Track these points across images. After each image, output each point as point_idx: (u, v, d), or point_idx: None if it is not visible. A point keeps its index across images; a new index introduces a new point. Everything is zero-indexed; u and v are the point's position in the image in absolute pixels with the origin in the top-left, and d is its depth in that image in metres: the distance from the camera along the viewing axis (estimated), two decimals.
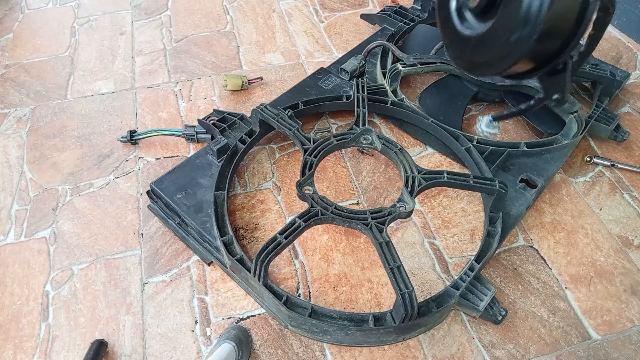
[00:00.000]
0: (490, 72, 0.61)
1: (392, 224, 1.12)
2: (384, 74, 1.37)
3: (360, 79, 1.32)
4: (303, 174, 1.02)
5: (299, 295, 1.02)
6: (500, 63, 0.56)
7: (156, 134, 1.29)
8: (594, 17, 0.54)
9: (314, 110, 1.29)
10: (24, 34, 1.65)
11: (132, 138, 1.28)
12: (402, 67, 1.35)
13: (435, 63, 1.36)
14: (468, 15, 0.60)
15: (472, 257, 0.99)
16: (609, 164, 1.27)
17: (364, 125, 1.17)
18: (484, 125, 1.08)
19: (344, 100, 1.29)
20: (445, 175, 1.03)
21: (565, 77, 0.60)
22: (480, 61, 0.60)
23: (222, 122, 1.23)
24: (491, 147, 1.18)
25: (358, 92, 1.27)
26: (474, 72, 0.63)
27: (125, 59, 1.56)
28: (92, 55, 1.57)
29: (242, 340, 0.92)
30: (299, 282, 1.04)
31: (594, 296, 1.04)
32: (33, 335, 0.96)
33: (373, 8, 1.78)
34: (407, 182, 1.01)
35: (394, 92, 1.33)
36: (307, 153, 1.07)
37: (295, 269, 1.06)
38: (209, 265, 1.06)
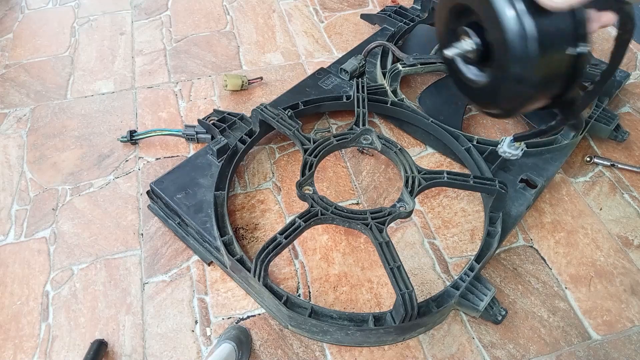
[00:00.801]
0: (507, 114, 0.64)
1: (392, 224, 1.12)
2: (384, 74, 1.37)
3: (360, 79, 1.32)
4: (303, 174, 1.02)
5: (299, 295, 1.02)
6: (512, 108, 0.60)
7: (156, 134, 1.29)
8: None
9: (314, 110, 1.29)
10: (24, 34, 1.65)
11: (132, 138, 1.27)
12: (402, 67, 1.35)
13: (435, 63, 1.36)
14: (471, 66, 0.63)
15: (472, 257, 0.99)
16: (609, 164, 1.26)
17: (364, 125, 1.17)
18: (505, 147, 1.07)
19: (344, 100, 1.28)
20: (445, 175, 1.03)
21: (578, 107, 0.64)
22: (493, 104, 0.63)
23: (222, 122, 1.23)
24: (491, 147, 1.18)
25: (358, 92, 1.27)
26: (491, 115, 0.66)
27: (125, 59, 1.56)
28: (92, 55, 1.57)
29: (242, 340, 0.92)
30: (299, 282, 1.04)
31: (594, 296, 1.04)
32: (33, 335, 0.96)
33: (373, 8, 1.78)
34: (407, 182, 1.01)
35: (394, 92, 1.33)
36: (307, 153, 1.07)
37: (295, 269, 1.06)
38: (209, 265, 1.06)
